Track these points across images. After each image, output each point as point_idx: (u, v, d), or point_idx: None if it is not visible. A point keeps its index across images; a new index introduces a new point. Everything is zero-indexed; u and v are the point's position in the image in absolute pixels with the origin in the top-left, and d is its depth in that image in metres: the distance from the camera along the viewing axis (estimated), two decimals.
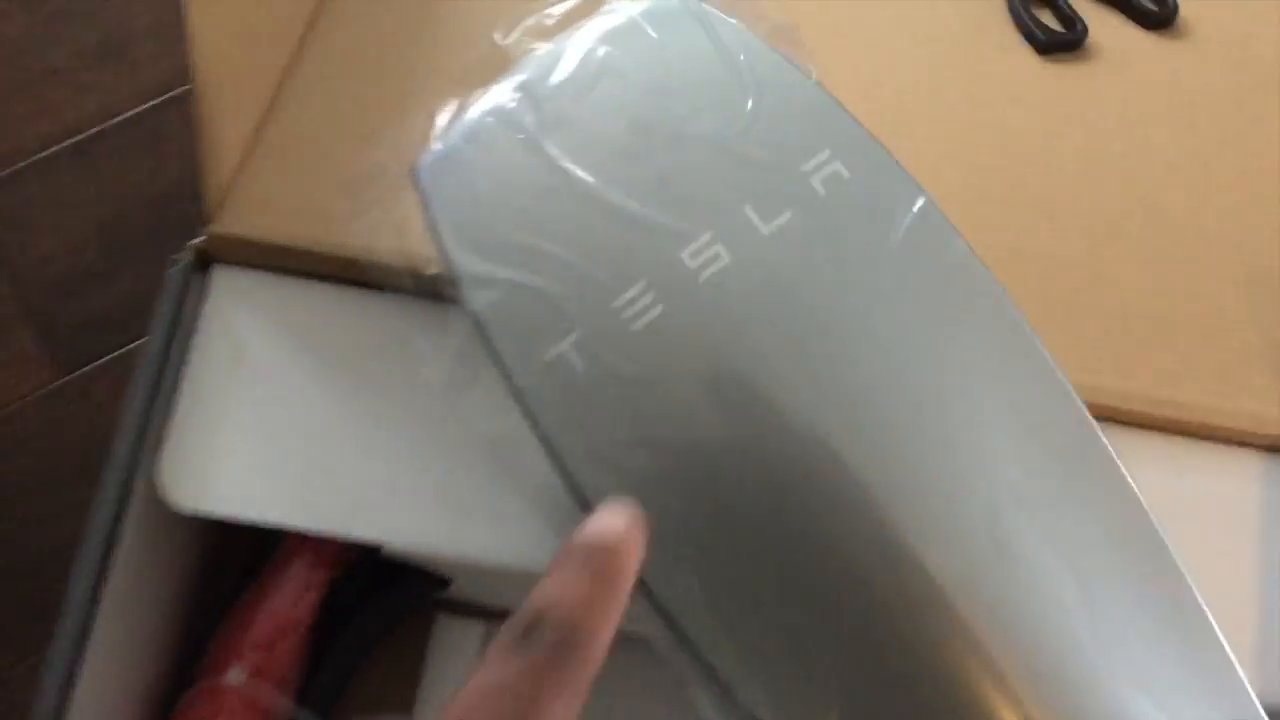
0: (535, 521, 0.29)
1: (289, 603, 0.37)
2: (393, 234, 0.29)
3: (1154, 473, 0.35)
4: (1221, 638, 0.27)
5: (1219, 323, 0.38)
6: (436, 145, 0.29)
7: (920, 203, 0.29)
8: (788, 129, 0.29)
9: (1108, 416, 0.35)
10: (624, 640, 0.20)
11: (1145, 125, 0.43)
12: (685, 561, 0.27)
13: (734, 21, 0.31)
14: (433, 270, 0.29)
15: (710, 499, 0.27)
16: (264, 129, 0.36)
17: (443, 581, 0.39)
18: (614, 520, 0.19)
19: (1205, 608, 0.27)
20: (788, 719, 0.26)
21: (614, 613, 0.18)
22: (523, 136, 0.29)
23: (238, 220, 0.35)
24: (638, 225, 0.28)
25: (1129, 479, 0.28)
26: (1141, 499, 0.28)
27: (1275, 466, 0.37)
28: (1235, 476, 0.36)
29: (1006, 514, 0.27)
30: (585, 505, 0.27)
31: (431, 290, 0.29)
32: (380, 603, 0.39)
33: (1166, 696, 0.26)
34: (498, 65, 0.30)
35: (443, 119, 0.29)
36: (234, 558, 0.40)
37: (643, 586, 0.27)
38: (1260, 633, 0.34)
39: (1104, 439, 0.28)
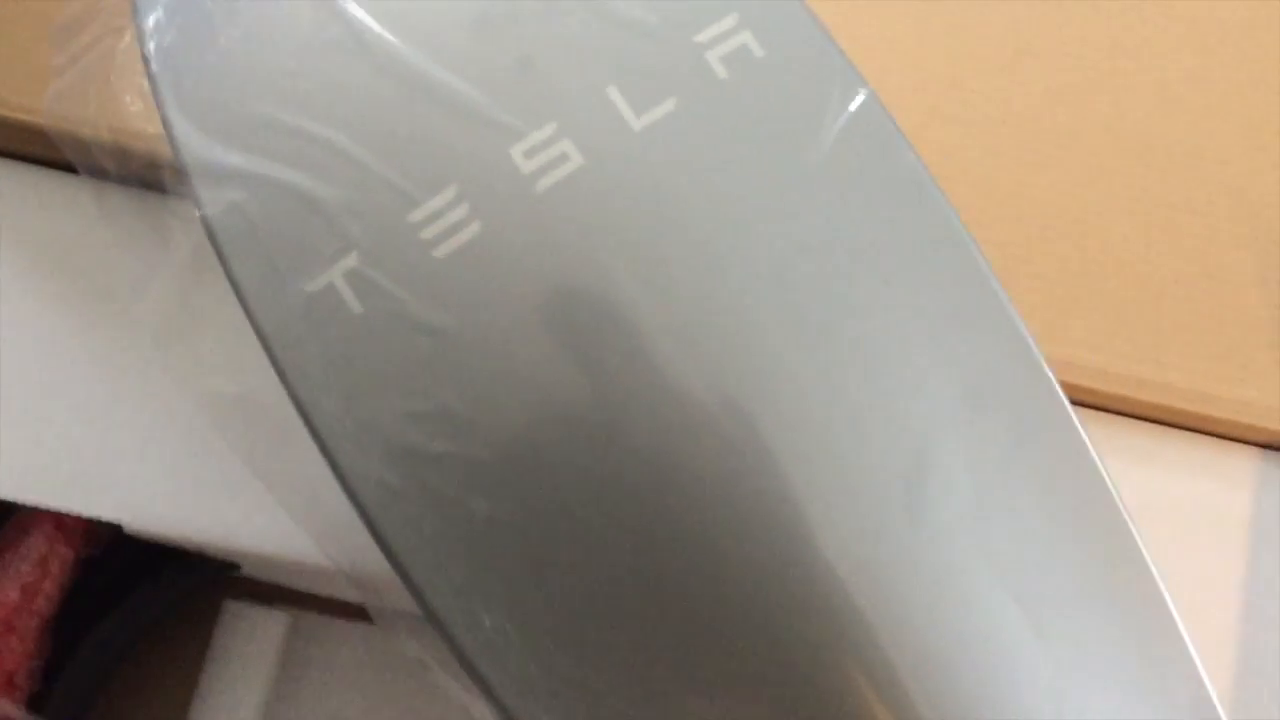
0: (284, 510, 0.21)
1: (18, 589, 0.29)
2: (99, 98, 0.20)
3: (1127, 466, 0.28)
4: (1186, 640, 0.20)
5: (1216, 287, 0.30)
6: None
7: (860, 99, 0.20)
8: None
9: (1076, 400, 0.28)
10: None
11: (1139, 35, 0.34)
12: (495, 590, 0.19)
13: None
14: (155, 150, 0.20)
15: (534, 500, 0.19)
16: None
17: (229, 564, 0.30)
18: None
19: (1172, 609, 0.20)
20: None
21: None
22: None
23: None
24: (450, 105, 0.20)
25: (1097, 460, 0.20)
26: (1111, 486, 0.20)
27: (1273, 467, 0.30)
28: (1223, 477, 0.29)
29: (931, 490, 0.19)
30: (356, 503, 0.19)
31: (153, 182, 0.20)
32: (147, 588, 0.31)
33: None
34: None
35: None
36: None
37: (437, 625, 0.19)
38: (1240, 648, 0.28)
39: (1070, 408, 0.21)
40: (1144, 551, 0.20)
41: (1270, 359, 0.30)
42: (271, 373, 0.19)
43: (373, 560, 0.21)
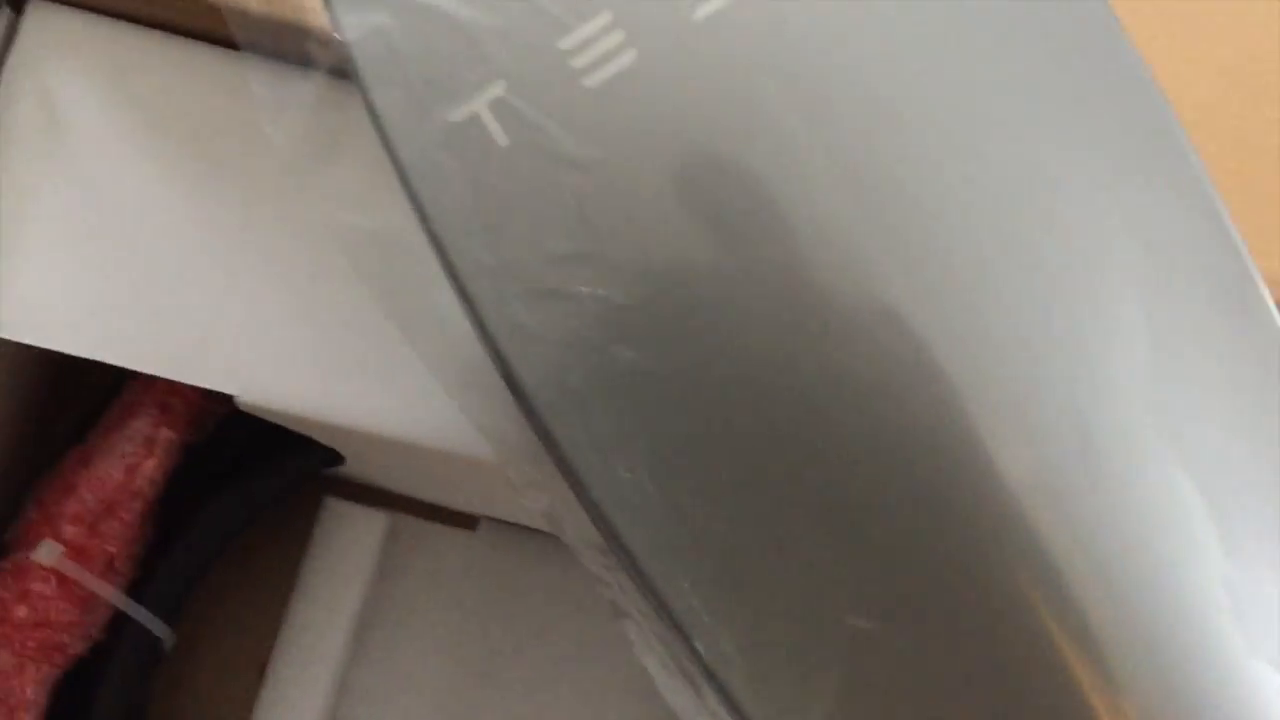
0: (427, 372, 0.20)
1: (122, 469, 0.28)
2: None
3: None
4: None
5: None
6: None
7: None
8: None
9: None
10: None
11: None
12: (637, 443, 0.18)
13: None
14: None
15: (682, 351, 0.18)
16: None
17: (333, 456, 0.30)
18: None
19: None
20: (765, 685, 0.17)
21: None
22: None
23: None
24: None
25: None
26: None
27: None
28: None
29: (1119, 397, 0.18)
30: (492, 347, 0.18)
31: (300, 55, 0.19)
32: (251, 478, 0.30)
33: None
34: None
35: None
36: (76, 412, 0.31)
37: (572, 478, 0.18)
38: None
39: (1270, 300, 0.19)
40: None
41: None
42: (408, 209, 0.18)
43: (506, 415, 0.20)
